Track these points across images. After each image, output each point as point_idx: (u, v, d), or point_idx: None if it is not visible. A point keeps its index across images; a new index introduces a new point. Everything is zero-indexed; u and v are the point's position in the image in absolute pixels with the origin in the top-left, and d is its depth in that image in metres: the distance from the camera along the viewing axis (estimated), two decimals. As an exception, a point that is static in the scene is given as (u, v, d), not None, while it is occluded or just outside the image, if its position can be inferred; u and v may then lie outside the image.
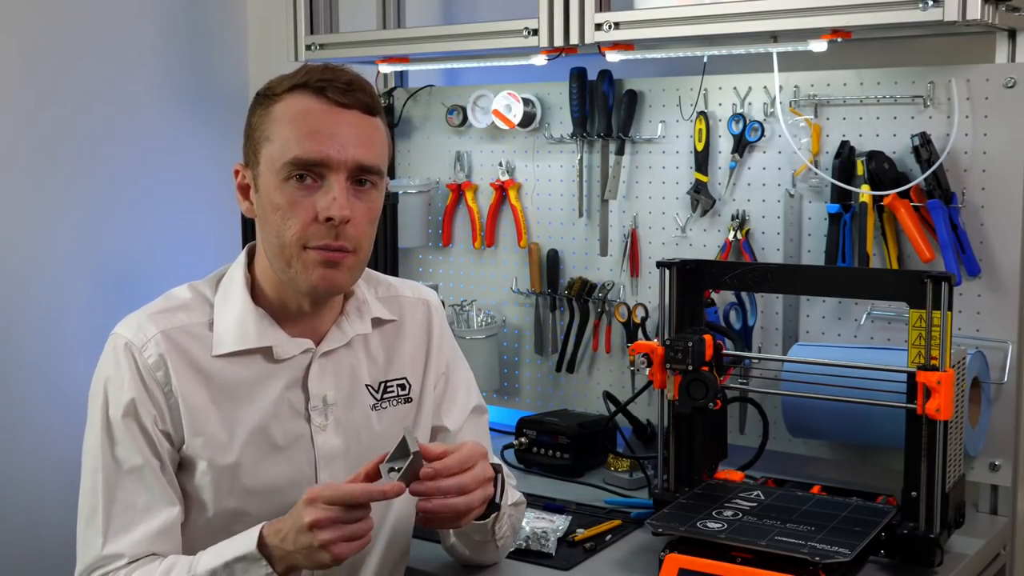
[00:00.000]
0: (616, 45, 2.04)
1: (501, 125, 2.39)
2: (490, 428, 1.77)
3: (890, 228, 1.99)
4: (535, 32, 2.07)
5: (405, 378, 1.63)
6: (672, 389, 1.82)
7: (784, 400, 1.98)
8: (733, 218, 2.16)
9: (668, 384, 1.83)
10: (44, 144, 2.34)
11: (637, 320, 2.29)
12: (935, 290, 1.64)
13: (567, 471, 2.19)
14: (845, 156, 2.01)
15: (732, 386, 1.96)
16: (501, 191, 2.45)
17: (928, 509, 1.66)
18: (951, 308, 1.64)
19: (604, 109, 2.28)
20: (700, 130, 2.18)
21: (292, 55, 2.41)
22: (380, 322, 1.62)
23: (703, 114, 2.18)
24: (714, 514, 1.71)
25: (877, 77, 2.01)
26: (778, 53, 2.02)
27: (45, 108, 2.34)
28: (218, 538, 1.43)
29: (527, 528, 1.77)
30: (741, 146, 2.14)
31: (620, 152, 2.29)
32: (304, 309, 1.52)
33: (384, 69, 2.42)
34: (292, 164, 1.43)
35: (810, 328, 2.11)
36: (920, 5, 1.71)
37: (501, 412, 2.48)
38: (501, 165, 2.45)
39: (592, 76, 2.30)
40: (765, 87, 2.11)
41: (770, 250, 2.14)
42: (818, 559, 1.53)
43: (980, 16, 1.70)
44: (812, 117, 2.07)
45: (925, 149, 1.92)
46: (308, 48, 2.39)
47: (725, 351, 1.88)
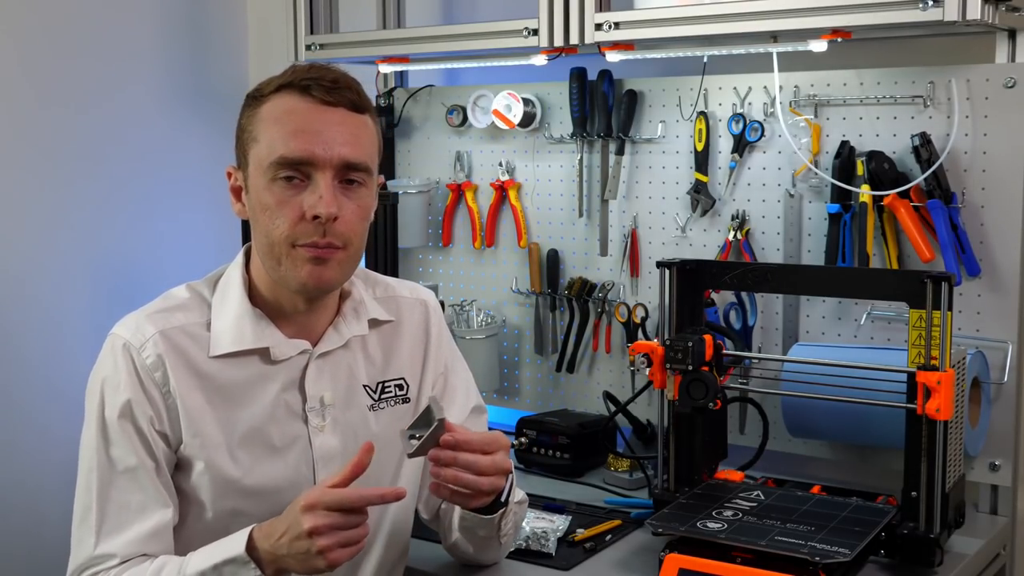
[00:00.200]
0: (616, 45, 2.04)
1: (501, 125, 2.38)
2: (490, 428, 1.76)
3: (890, 228, 1.99)
4: (535, 32, 2.07)
5: (403, 378, 1.63)
6: (672, 389, 1.82)
7: (784, 400, 1.97)
8: (733, 218, 2.16)
9: (668, 384, 1.83)
10: (44, 144, 2.34)
11: (637, 320, 2.29)
12: (935, 290, 1.64)
13: (567, 471, 2.19)
14: (845, 156, 2.01)
15: (732, 386, 1.96)
16: (501, 191, 2.45)
17: (928, 509, 1.66)
18: (951, 308, 1.64)
19: (604, 109, 2.28)
20: (700, 130, 2.17)
21: (292, 55, 2.40)
22: (377, 323, 1.62)
23: (703, 114, 2.17)
24: (714, 514, 1.71)
25: (877, 77, 2.00)
26: (778, 53, 2.02)
27: (45, 108, 2.34)
28: (217, 539, 1.43)
29: (527, 528, 1.77)
30: (741, 146, 2.14)
31: (620, 152, 2.29)
32: (299, 308, 1.52)
33: (384, 69, 2.42)
34: (279, 163, 1.43)
35: (810, 328, 2.11)
36: (920, 5, 1.71)
37: (501, 412, 2.48)
38: (501, 165, 2.45)
39: (592, 76, 2.30)
40: (765, 87, 2.11)
41: (770, 250, 2.14)
42: (818, 559, 1.53)
43: (980, 16, 1.70)
44: (812, 117, 2.06)
45: (925, 149, 1.92)
46: (308, 48, 2.39)
47: (725, 351, 1.88)
